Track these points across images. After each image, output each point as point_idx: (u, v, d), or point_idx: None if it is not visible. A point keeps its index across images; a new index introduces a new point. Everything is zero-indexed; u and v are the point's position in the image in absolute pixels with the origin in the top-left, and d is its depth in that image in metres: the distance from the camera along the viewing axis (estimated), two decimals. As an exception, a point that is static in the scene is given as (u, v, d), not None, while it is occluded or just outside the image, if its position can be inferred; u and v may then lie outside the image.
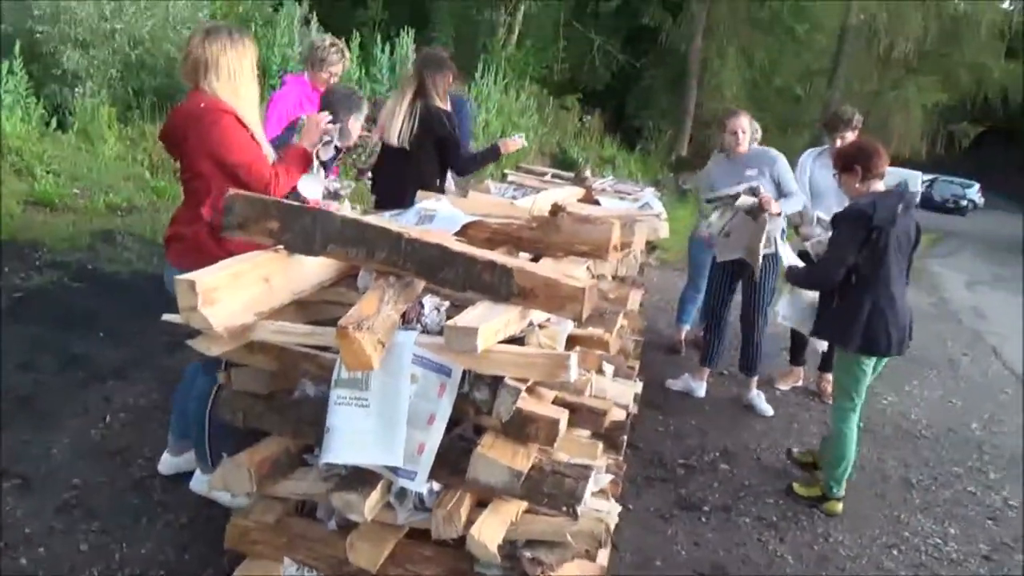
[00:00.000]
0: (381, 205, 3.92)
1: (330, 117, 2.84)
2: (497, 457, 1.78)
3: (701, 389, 4.70)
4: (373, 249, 1.94)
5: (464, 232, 2.45)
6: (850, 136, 4.47)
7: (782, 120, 19.47)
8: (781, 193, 4.28)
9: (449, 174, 4.33)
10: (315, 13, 12.08)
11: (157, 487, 2.87)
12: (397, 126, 4.03)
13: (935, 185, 34.23)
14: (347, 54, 4.57)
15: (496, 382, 1.79)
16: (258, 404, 2.08)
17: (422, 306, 1.95)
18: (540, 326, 2.07)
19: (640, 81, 20.39)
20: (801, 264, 3.76)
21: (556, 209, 2.48)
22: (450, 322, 1.73)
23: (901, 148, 16.81)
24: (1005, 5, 17.89)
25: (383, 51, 11.49)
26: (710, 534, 3.17)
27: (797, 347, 5.08)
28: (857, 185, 3.36)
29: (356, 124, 3.26)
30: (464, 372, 1.83)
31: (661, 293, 6.67)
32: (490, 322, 1.74)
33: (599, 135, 16.41)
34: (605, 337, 2.30)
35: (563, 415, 1.89)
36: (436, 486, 1.96)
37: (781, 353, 5.27)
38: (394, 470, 1.82)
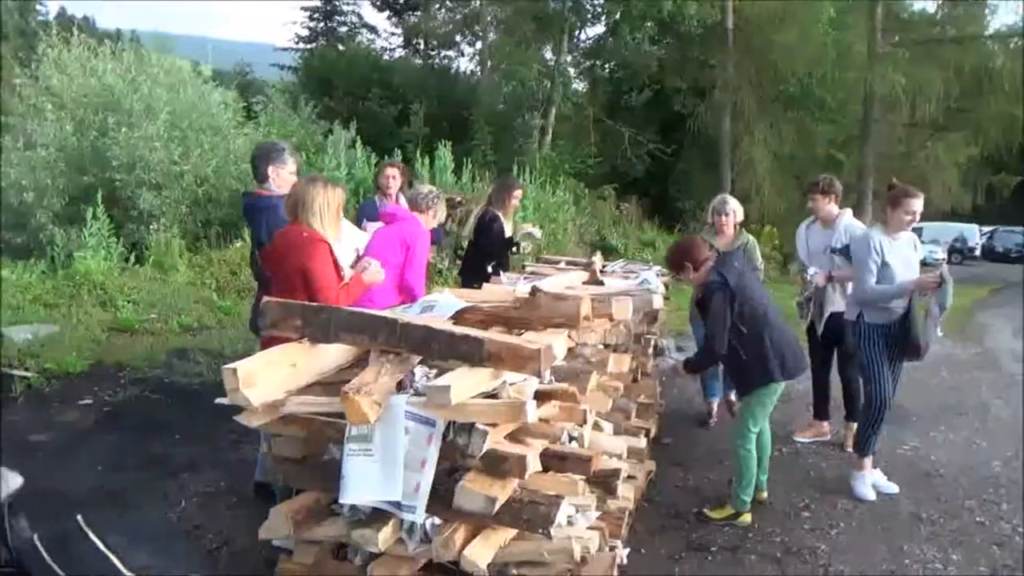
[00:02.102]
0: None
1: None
2: (475, 488, 2.23)
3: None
4: (375, 333, 2.47)
5: (461, 316, 2.97)
6: (820, 199, 4.92)
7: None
8: None
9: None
10: (360, 137, 13.14)
11: (225, 555, 3.38)
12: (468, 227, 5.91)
13: (995, 236, 33.80)
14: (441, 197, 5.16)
15: (471, 428, 2.26)
16: (294, 466, 2.58)
17: (414, 374, 2.45)
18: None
19: (678, 166, 21.21)
20: None
21: (534, 290, 2.99)
22: (430, 383, 2.22)
23: (942, 204, 16.92)
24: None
25: (422, 164, 12.39)
26: (715, 570, 3.47)
27: (820, 402, 5.37)
28: (692, 276, 3.95)
29: (276, 171, 3.85)
30: (449, 423, 2.30)
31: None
32: (462, 381, 2.23)
33: (638, 220, 17.03)
34: (571, 390, 2.73)
35: (531, 452, 2.33)
36: (437, 520, 2.41)
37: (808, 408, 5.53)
38: (398, 506, 2.28)
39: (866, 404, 4.39)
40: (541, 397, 2.63)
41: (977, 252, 31.91)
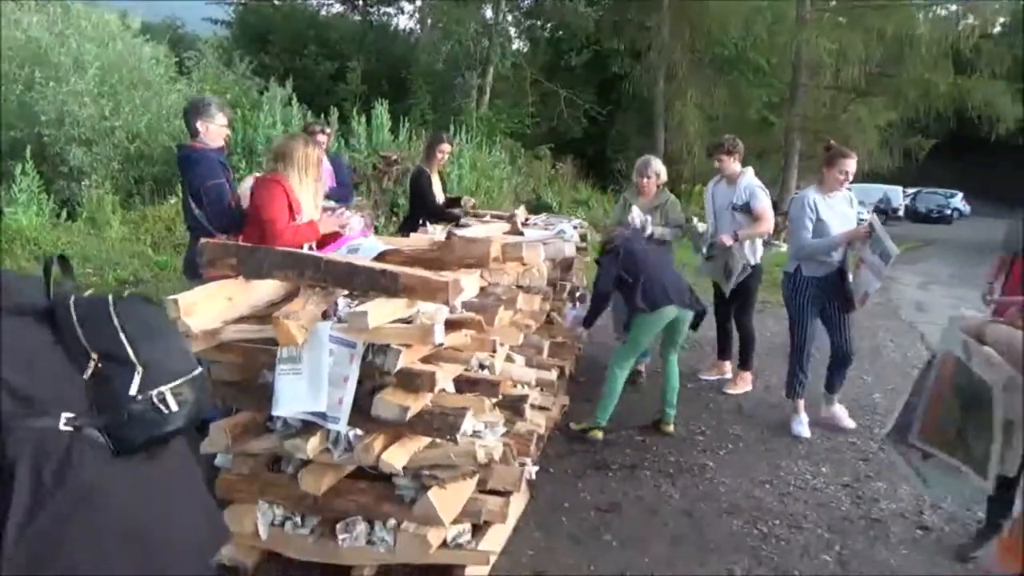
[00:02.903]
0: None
1: (346, 220, 3.81)
2: (391, 400, 2.58)
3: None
4: (303, 270, 2.78)
5: (384, 257, 3.29)
6: (725, 159, 5.34)
7: (753, 148, 20.74)
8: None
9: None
10: (295, 94, 13.15)
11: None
12: None
13: (918, 197, 35.27)
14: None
15: (387, 349, 2.61)
16: (231, 389, 2.89)
17: (337, 305, 2.78)
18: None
19: (615, 127, 21.66)
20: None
21: (450, 235, 3.33)
22: (351, 310, 2.55)
23: (863, 165, 17.68)
24: (962, 22, 18.97)
25: (359, 123, 12.51)
26: (615, 484, 3.92)
27: (723, 345, 5.87)
28: None
29: (205, 125, 4.07)
30: (368, 345, 2.64)
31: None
32: (379, 309, 2.57)
33: (572, 180, 17.44)
34: (478, 319, 3.09)
35: (440, 371, 2.69)
36: (360, 432, 2.75)
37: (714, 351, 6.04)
38: (323, 417, 2.62)
39: (792, 351, 4.85)
40: (453, 326, 2.99)
41: (901, 213, 33.36)
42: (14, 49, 10.18)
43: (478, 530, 3.09)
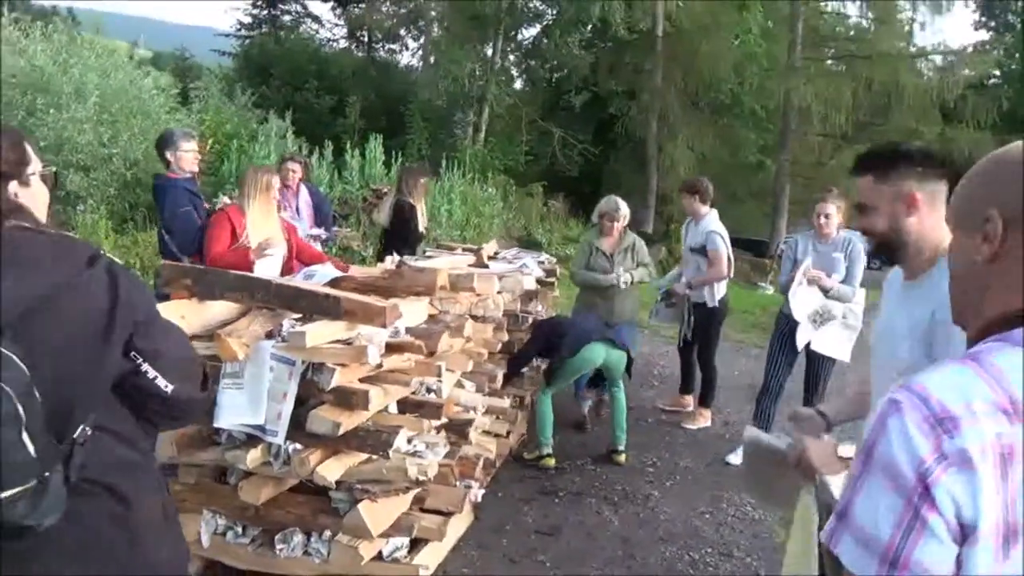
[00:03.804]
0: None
1: (270, 251, 4.04)
2: (325, 415, 2.75)
3: None
4: (253, 292, 2.97)
5: (337, 284, 3.48)
6: (687, 198, 5.56)
7: (747, 191, 21.12)
8: None
9: None
10: (293, 126, 13.45)
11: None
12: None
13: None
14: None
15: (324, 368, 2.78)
16: (181, 402, 3.06)
17: (282, 326, 2.96)
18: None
19: (609, 166, 22.01)
20: None
21: (399, 264, 3.53)
22: (292, 330, 2.73)
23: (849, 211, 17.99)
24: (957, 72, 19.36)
25: (352, 156, 12.80)
26: (559, 510, 4.07)
27: (685, 381, 6.03)
28: None
29: (174, 155, 4.39)
30: (308, 364, 2.82)
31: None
32: (319, 329, 2.75)
33: (564, 217, 17.70)
34: (418, 343, 3.26)
35: (374, 390, 2.86)
36: (299, 446, 2.91)
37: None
38: (263, 430, 2.78)
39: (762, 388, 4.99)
40: (395, 349, 3.16)
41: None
42: (18, 76, 10.47)
43: (417, 546, 3.24)
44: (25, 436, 1.24)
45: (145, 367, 1.48)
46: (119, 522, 1.48)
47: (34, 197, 1.56)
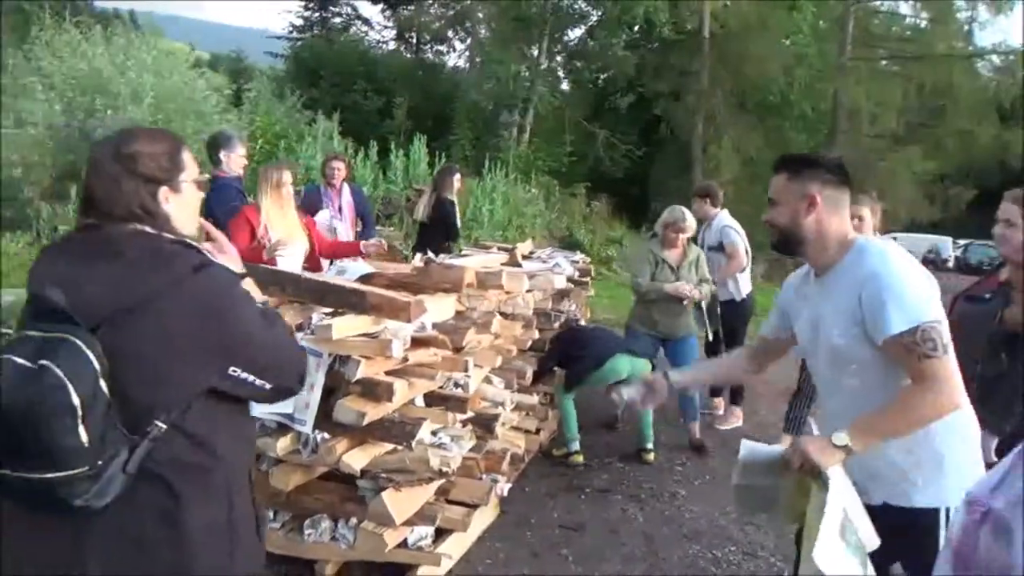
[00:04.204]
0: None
1: (284, 251, 4.16)
2: (351, 405, 2.85)
3: None
4: (284, 286, 3.10)
5: (368, 279, 3.59)
6: (697, 202, 5.67)
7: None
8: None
9: None
10: (341, 127, 13.72)
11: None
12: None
13: (970, 249, 34.56)
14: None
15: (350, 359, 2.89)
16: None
17: (311, 319, 3.07)
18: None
19: (654, 167, 21.93)
20: None
21: (427, 261, 3.62)
22: (319, 323, 2.85)
23: (900, 213, 17.65)
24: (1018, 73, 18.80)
25: (397, 156, 13.00)
26: (584, 506, 4.11)
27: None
28: None
29: (227, 156, 4.62)
30: (336, 356, 2.93)
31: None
32: (345, 323, 2.86)
33: (607, 218, 17.70)
34: (443, 339, 3.34)
35: (399, 382, 2.95)
36: (327, 436, 3.03)
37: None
38: (291, 419, 2.90)
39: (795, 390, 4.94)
40: (422, 343, 3.26)
41: (950, 264, 32.69)
42: (78, 78, 10.91)
43: (441, 536, 3.33)
44: (80, 427, 1.32)
45: (243, 375, 1.54)
46: (167, 519, 1.50)
47: (184, 203, 1.63)
